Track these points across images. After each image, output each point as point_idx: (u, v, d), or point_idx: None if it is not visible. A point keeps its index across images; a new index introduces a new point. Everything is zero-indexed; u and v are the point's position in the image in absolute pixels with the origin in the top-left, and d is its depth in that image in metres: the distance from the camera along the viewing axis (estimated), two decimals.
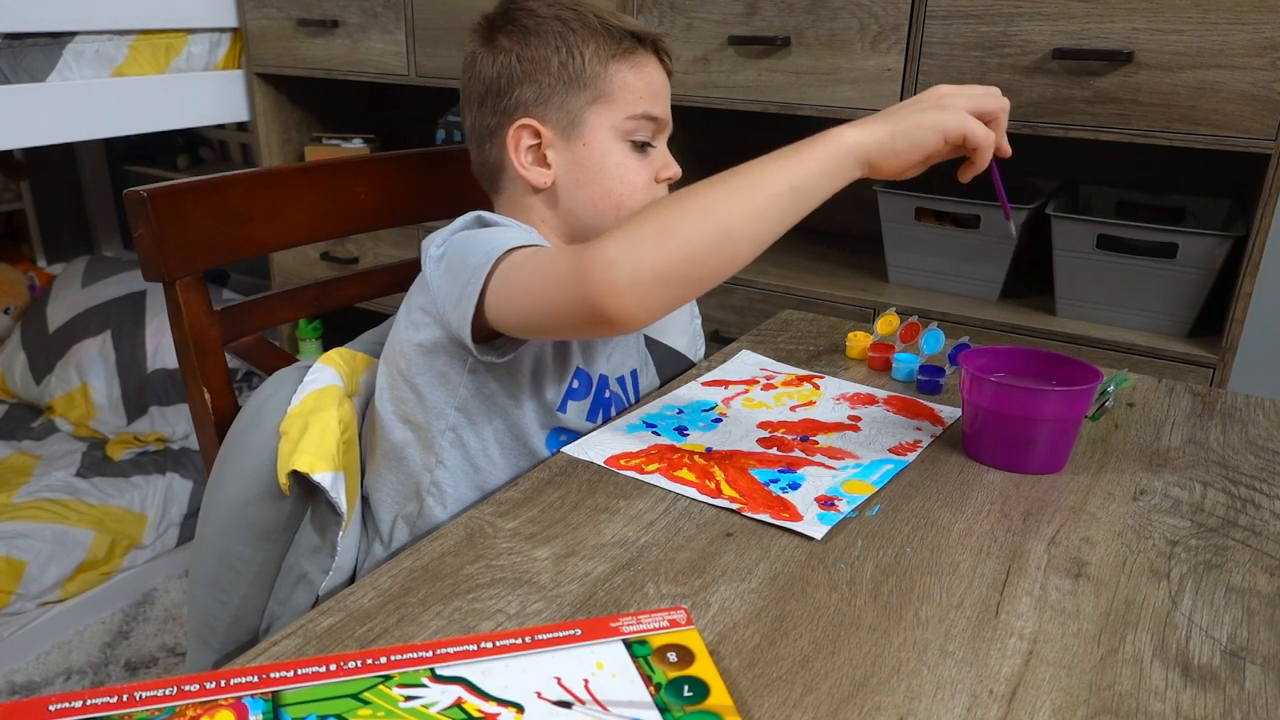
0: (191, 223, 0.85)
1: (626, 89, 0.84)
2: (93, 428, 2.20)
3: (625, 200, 0.85)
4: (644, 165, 0.86)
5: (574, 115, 0.83)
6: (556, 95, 0.83)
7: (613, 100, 0.84)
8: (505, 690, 0.51)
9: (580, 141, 0.84)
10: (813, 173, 0.68)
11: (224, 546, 0.78)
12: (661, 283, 0.66)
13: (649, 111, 0.85)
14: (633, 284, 0.66)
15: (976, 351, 0.86)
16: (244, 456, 0.78)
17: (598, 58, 0.83)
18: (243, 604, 0.79)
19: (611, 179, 0.84)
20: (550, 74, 0.83)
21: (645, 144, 0.86)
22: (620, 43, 0.84)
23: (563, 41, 0.83)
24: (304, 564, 0.76)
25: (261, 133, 2.18)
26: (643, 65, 0.85)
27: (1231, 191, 1.46)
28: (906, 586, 0.63)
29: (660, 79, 0.87)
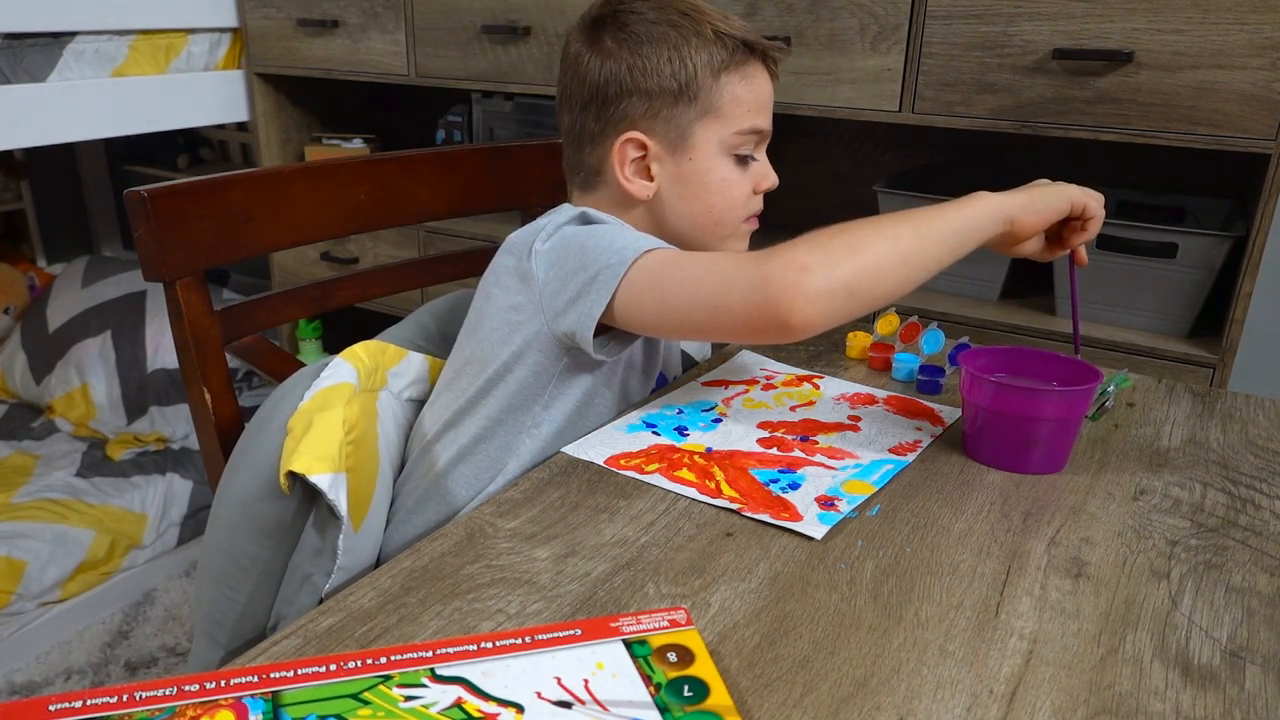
0: (191, 223, 0.85)
1: (737, 103, 0.84)
2: (93, 428, 2.20)
3: (725, 215, 0.86)
4: (745, 179, 0.86)
5: (682, 129, 0.83)
6: (665, 108, 0.83)
7: (722, 114, 0.83)
8: (505, 690, 0.51)
9: (686, 156, 0.84)
10: (970, 222, 0.76)
11: (232, 543, 0.78)
12: (849, 294, 0.70)
13: (756, 125, 0.85)
14: (823, 291, 0.70)
15: (976, 351, 0.86)
16: (254, 453, 0.78)
17: (709, 69, 0.82)
18: (249, 601, 0.79)
19: (714, 194, 0.85)
20: (661, 86, 0.82)
21: (748, 157, 0.86)
22: (733, 54, 0.83)
23: (675, 52, 0.82)
24: (307, 565, 0.76)
25: (261, 133, 2.18)
26: (754, 76, 0.85)
27: (1231, 191, 1.46)
28: (906, 586, 0.63)
29: (768, 89, 0.87)
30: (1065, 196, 0.80)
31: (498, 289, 0.83)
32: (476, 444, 0.84)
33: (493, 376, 0.83)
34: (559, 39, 1.66)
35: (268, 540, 0.77)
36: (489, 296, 0.84)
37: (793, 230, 0.72)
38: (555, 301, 0.78)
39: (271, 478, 0.75)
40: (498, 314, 0.83)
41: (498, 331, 0.82)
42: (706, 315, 0.74)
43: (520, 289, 0.81)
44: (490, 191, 1.15)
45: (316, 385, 0.79)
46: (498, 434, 0.84)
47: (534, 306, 0.80)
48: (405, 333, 0.96)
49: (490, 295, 0.84)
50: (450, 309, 0.98)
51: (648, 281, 0.75)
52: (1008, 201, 0.78)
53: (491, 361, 0.83)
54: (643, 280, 0.75)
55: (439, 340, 0.96)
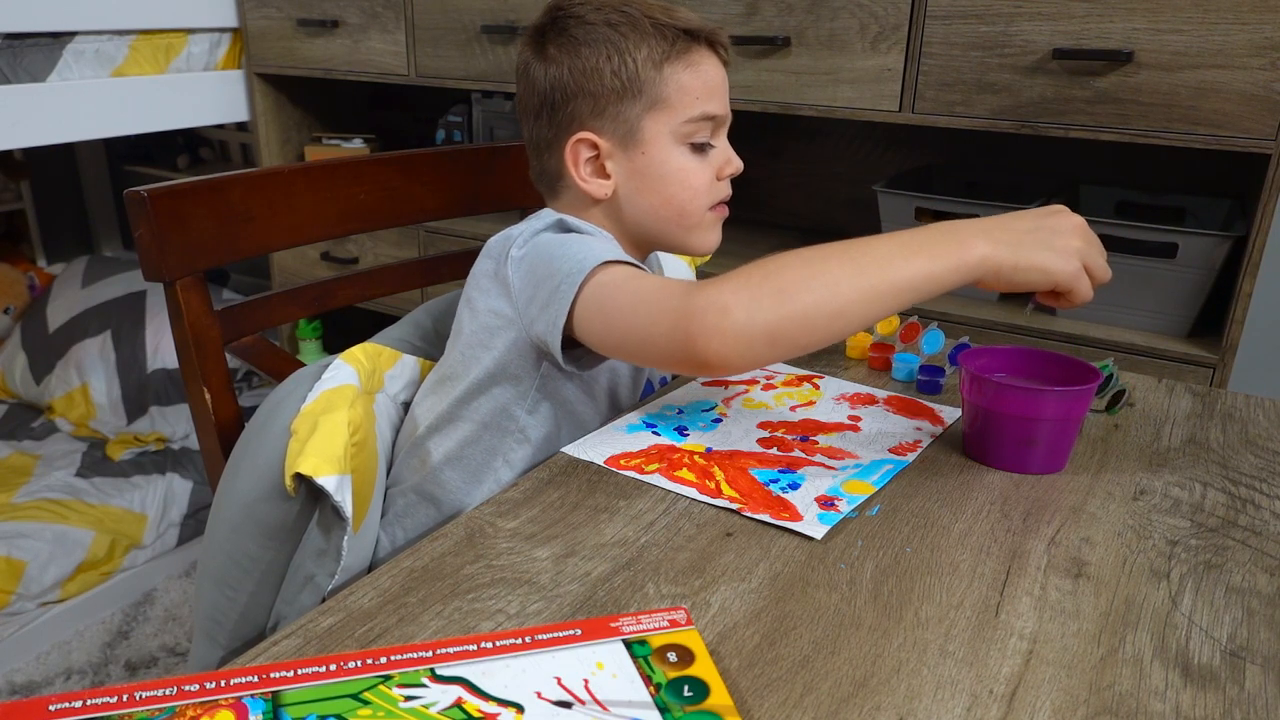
0: (191, 223, 0.85)
1: (682, 91, 0.83)
2: (93, 428, 2.20)
3: (688, 205, 0.85)
4: (705, 166, 0.86)
5: (631, 124, 0.83)
6: (611, 106, 0.83)
7: (669, 105, 0.83)
8: (505, 690, 0.51)
9: (639, 150, 0.84)
10: (936, 274, 0.69)
11: (233, 543, 0.78)
12: (769, 342, 0.68)
13: (706, 111, 0.84)
14: (740, 335, 0.68)
15: (976, 351, 0.86)
16: (256, 453, 0.78)
17: (650, 62, 0.82)
18: (250, 601, 0.79)
19: (673, 185, 0.85)
20: (603, 84, 0.82)
21: (705, 144, 0.85)
22: (673, 44, 0.82)
23: (614, 49, 0.82)
24: (310, 565, 0.75)
25: (261, 133, 2.18)
26: (698, 63, 0.84)
27: (1231, 191, 1.46)
28: (906, 586, 0.63)
29: (717, 74, 0.86)
30: (1050, 276, 0.71)
31: (478, 293, 0.84)
32: (464, 447, 0.85)
33: (476, 380, 0.83)
34: None
35: (270, 541, 0.77)
36: (470, 301, 0.85)
37: (794, 230, 0.72)
38: (529, 309, 0.78)
39: (274, 479, 0.75)
40: (479, 318, 0.83)
41: (479, 335, 0.83)
42: (638, 343, 0.74)
43: (499, 294, 0.81)
44: (490, 191, 1.15)
45: (319, 387, 0.79)
46: (484, 438, 0.84)
47: (513, 311, 0.80)
48: (402, 333, 0.96)
49: (471, 299, 0.85)
50: (447, 309, 0.98)
51: (597, 299, 0.74)
52: (989, 259, 0.70)
53: (474, 365, 0.83)
54: (595, 297, 0.75)
55: (435, 340, 0.96)
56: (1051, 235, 0.71)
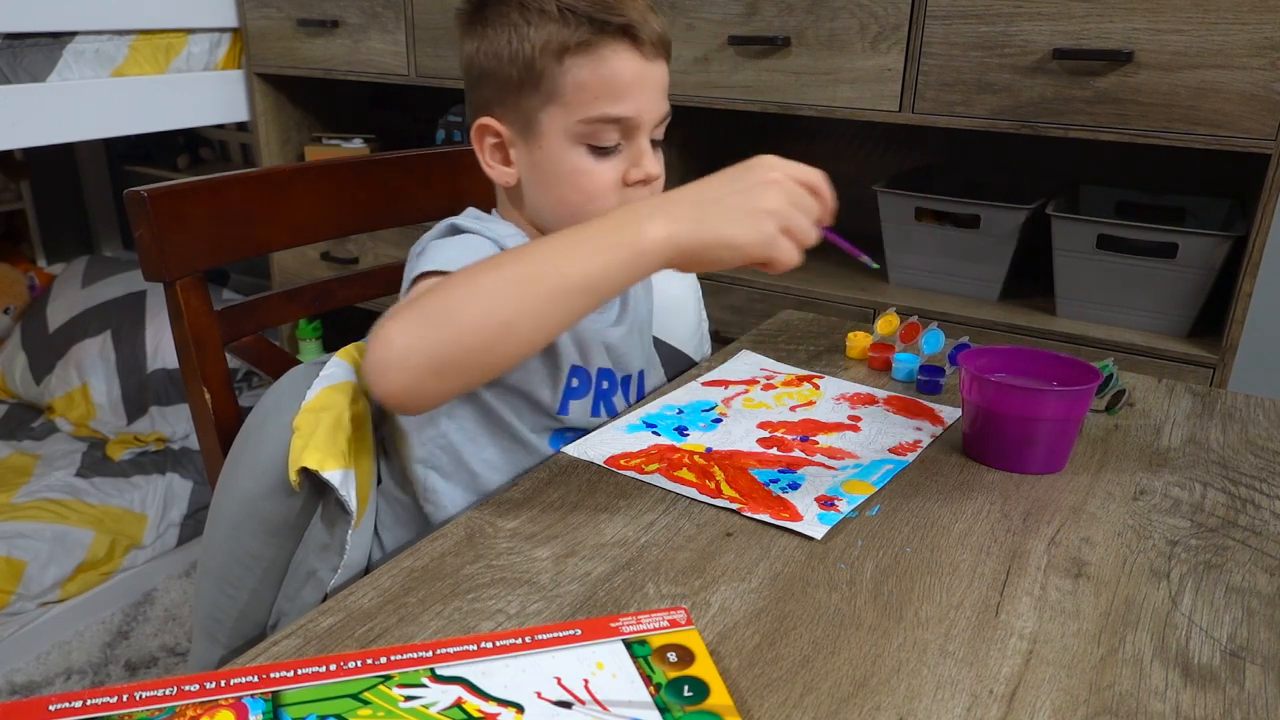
0: (191, 223, 0.85)
1: (580, 89, 0.76)
2: (93, 428, 2.20)
3: (582, 209, 0.78)
4: (607, 169, 0.78)
5: (529, 116, 0.78)
6: (510, 94, 0.78)
7: (565, 102, 0.76)
8: (505, 690, 0.51)
9: (537, 144, 0.79)
10: (610, 269, 0.62)
11: (234, 541, 0.78)
12: (436, 373, 0.62)
13: (608, 113, 0.76)
14: (403, 368, 0.62)
15: (976, 351, 0.86)
16: (256, 451, 0.78)
17: (549, 52, 0.75)
18: (251, 599, 0.78)
19: (566, 187, 0.79)
20: (502, 70, 0.77)
21: (610, 147, 0.78)
22: (576, 32, 0.75)
23: (515, 33, 0.76)
24: (313, 561, 0.75)
25: (261, 133, 2.18)
26: (605, 59, 0.76)
27: (1231, 191, 1.46)
28: (906, 586, 0.63)
29: (631, 70, 0.77)
30: (741, 251, 0.63)
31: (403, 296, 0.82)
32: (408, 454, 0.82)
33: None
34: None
35: (272, 537, 0.77)
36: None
37: None
38: None
39: (275, 475, 0.75)
40: None
41: None
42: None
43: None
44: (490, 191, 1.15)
45: (318, 384, 0.79)
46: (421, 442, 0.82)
47: None
48: None
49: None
50: None
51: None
52: (667, 240, 0.62)
53: None
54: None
55: None
56: (743, 198, 0.63)
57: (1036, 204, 1.42)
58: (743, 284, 1.59)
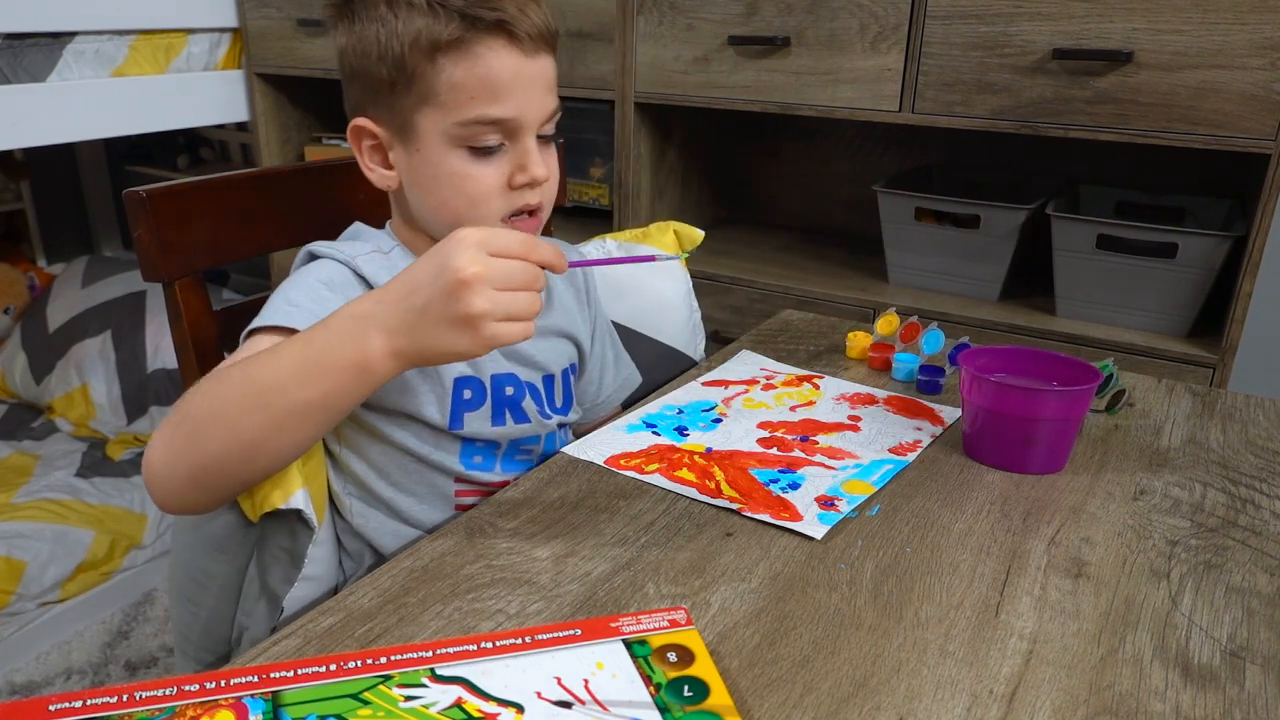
0: (191, 223, 0.85)
1: (455, 89, 0.71)
2: (93, 428, 2.20)
3: (464, 213, 0.75)
4: (490, 172, 0.74)
5: (404, 118, 0.74)
6: (383, 95, 0.74)
7: (440, 103, 0.72)
8: (505, 690, 0.51)
9: (414, 146, 0.74)
10: (340, 389, 0.61)
11: (188, 559, 0.77)
12: (196, 486, 0.63)
13: (486, 115, 0.72)
14: (165, 484, 0.63)
15: (976, 351, 0.86)
16: None
17: (419, 49, 0.71)
18: (211, 615, 0.77)
19: (447, 191, 0.75)
20: (372, 69, 0.73)
21: (492, 148, 0.74)
22: (447, 28, 0.70)
23: (384, 29, 0.72)
24: (266, 575, 0.74)
25: (261, 133, 2.18)
26: (480, 56, 0.71)
27: (1231, 191, 1.46)
28: (906, 586, 0.63)
29: (509, 68, 0.72)
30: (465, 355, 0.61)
31: None
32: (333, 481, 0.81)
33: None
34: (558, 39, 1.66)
35: (220, 554, 0.75)
36: None
37: (794, 230, 0.72)
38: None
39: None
40: None
41: None
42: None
43: None
44: None
45: None
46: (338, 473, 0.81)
47: None
48: None
49: None
50: None
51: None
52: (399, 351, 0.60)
53: None
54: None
55: None
56: (447, 305, 0.58)
57: (1036, 204, 1.42)
58: (743, 284, 1.59)
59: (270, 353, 0.62)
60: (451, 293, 0.58)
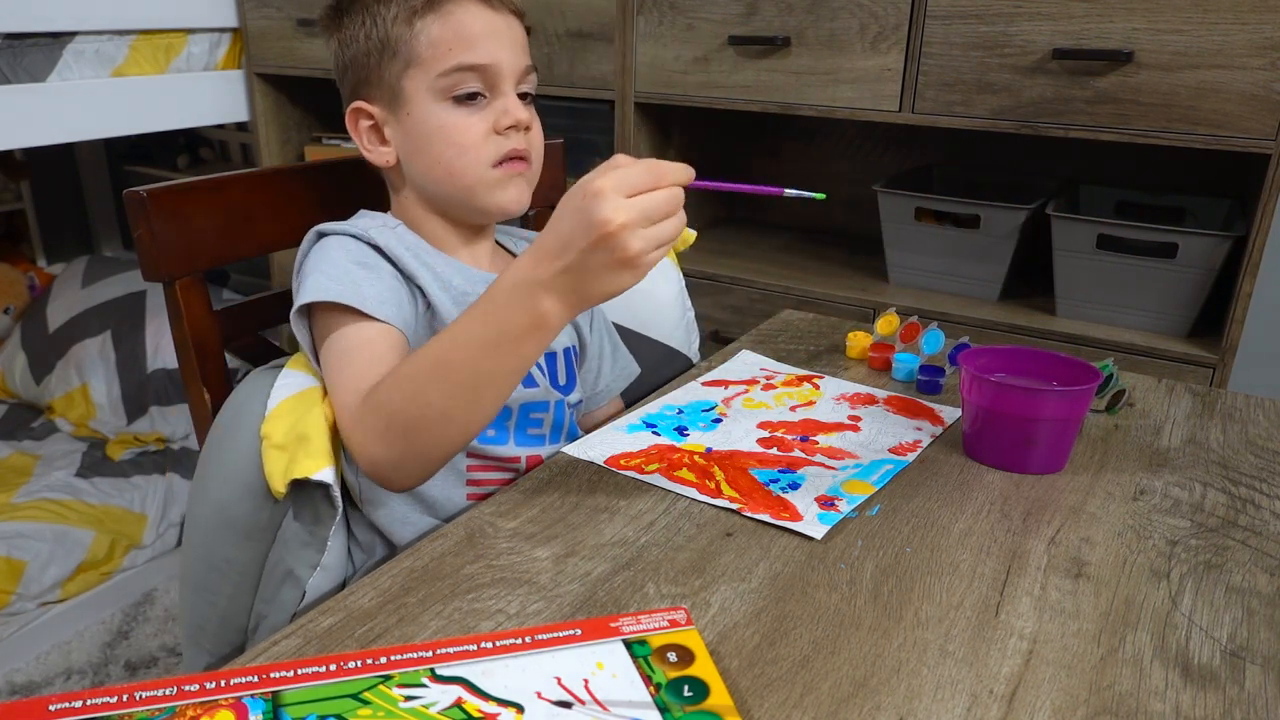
0: (191, 223, 0.85)
1: (434, 45, 0.80)
2: (93, 428, 2.20)
3: (456, 163, 0.81)
4: (477, 119, 0.81)
5: (393, 87, 0.82)
6: (374, 71, 0.82)
7: (422, 61, 0.81)
8: (505, 690, 0.51)
9: (404, 111, 0.82)
10: (532, 353, 0.67)
11: (208, 548, 0.77)
12: (423, 466, 0.72)
13: (463, 61, 0.80)
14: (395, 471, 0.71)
15: (976, 351, 0.86)
16: (225, 457, 0.77)
17: (400, 19, 0.80)
18: (229, 605, 0.78)
19: (438, 144, 0.81)
20: (363, 51, 0.82)
21: (474, 95, 0.81)
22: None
23: (368, 14, 0.82)
24: (289, 560, 0.75)
25: (261, 133, 2.18)
26: (452, 12, 0.80)
27: (1231, 191, 1.46)
28: (906, 586, 0.63)
29: (480, 21, 0.81)
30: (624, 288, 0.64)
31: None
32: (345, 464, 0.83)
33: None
34: (558, 38, 1.66)
35: (245, 542, 0.76)
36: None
37: (794, 230, 0.71)
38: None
39: (245, 481, 0.74)
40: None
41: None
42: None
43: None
44: None
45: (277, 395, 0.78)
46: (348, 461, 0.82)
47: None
48: None
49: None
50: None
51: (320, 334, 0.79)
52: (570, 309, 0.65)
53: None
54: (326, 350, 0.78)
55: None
56: (605, 254, 0.62)
57: (1036, 204, 1.42)
58: (743, 284, 1.59)
59: (448, 337, 0.68)
60: (606, 244, 0.61)
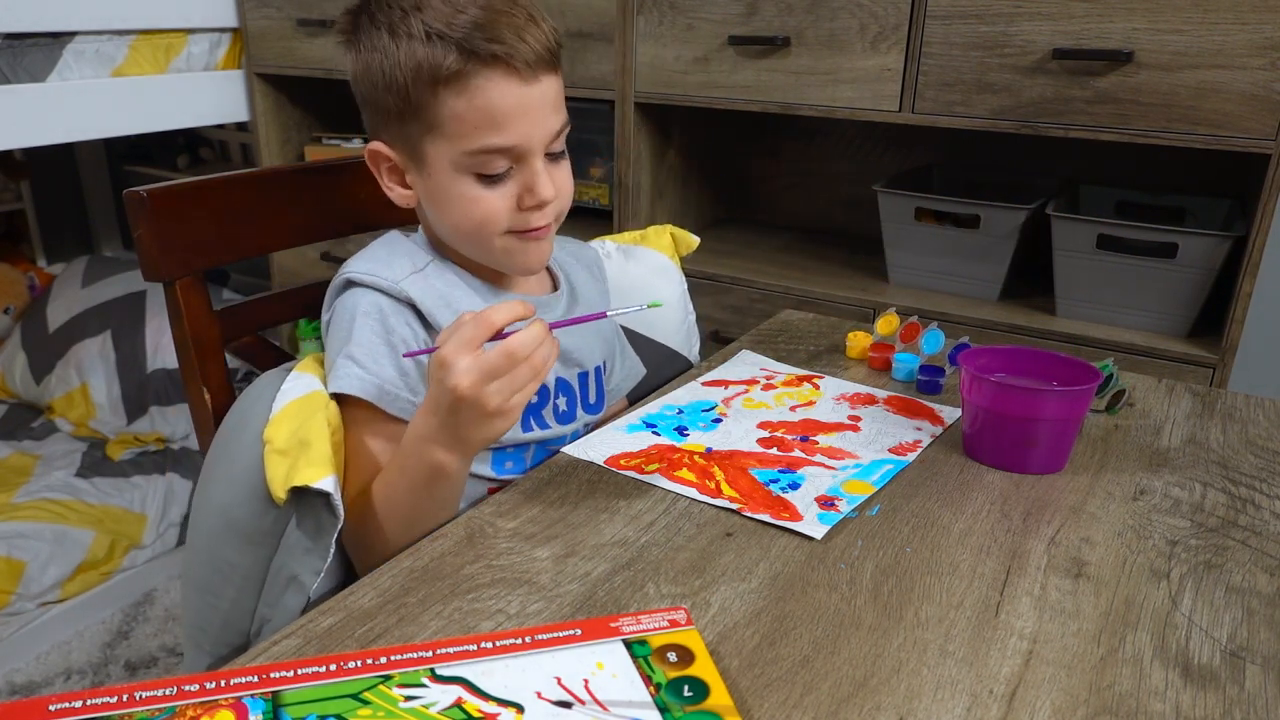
0: (191, 223, 0.85)
1: (458, 121, 0.73)
2: (93, 428, 2.20)
3: (476, 235, 0.79)
4: (498, 196, 0.77)
5: (414, 145, 0.76)
6: (393, 123, 0.76)
7: (445, 133, 0.74)
8: (505, 690, 0.51)
9: (425, 172, 0.77)
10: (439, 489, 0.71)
11: (211, 550, 0.77)
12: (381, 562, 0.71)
13: (490, 145, 0.74)
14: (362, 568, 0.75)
15: (976, 351, 0.86)
16: (229, 461, 0.77)
17: (421, 81, 0.72)
18: (231, 607, 0.78)
19: (458, 214, 0.78)
20: (381, 98, 0.75)
21: (500, 175, 0.76)
22: (445, 60, 0.71)
23: (386, 60, 0.73)
24: (294, 565, 0.74)
25: (261, 133, 2.18)
26: (479, 88, 0.72)
27: (1231, 191, 1.46)
28: (906, 586, 0.63)
29: (510, 98, 0.73)
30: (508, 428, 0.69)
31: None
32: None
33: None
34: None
35: (248, 545, 0.76)
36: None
37: (794, 230, 0.72)
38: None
39: (250, 485, 0.74)
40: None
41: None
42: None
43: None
44: None
45: (283, 398, 0.77)
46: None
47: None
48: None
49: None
50: None
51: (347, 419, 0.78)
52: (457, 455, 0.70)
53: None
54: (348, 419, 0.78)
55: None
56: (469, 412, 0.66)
57: (1036, 204, 1.42)
58: (743, 284, 1.59)
59: (387, 475, 0.74)
60: (464, 405, 0.66)
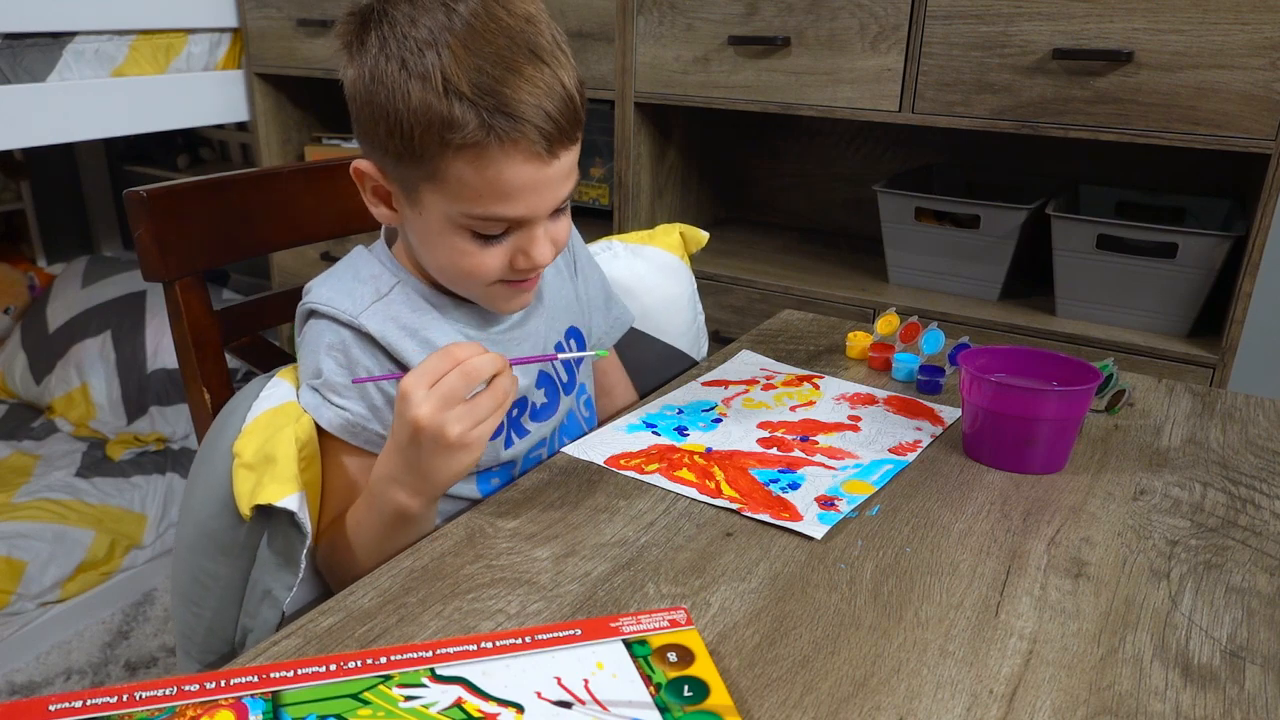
0: (191, 223, 0.85)
1: (464, 185, 0.68)
2: (93, 428, 2.20)
3: (459, 283, 0.76)
4: (491, 256, 0.72)
5: (410, 184, 0.71)
6: (390, 161, 0.70)
7: (448, 190, 0.69)
8: (505, 690, 0.51)
9: (417, 211, 0.72)
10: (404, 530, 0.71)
11: (193, 561, 0.77)
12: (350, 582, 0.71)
13: (493, 214, 0.69)
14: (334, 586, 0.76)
15: (976, 351, 0.86)
16: (208, 472, 0.76)
17: (430, 137, 0.66)
18: (215, 617, 0.77)
19: (444, 259, 0.74)
20: (380, 134, 0.68)
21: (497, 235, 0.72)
22: (461, 128, 0.65)
23: (394, 99, 0.66)
24: (268, 580, 0.74)
25: (261, 133, 2.18)
26: (494, 161, 0.67)
27: (1231, 191, 1.46)
28: (906, 586, 0.63)
29: (525, 176, 0.68)
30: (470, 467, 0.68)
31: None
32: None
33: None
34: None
35: (225, 557, 0.75)
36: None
37: (794, 230, 0.72)
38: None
39: (224, 497, 0.74)
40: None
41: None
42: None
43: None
44: None
45: (258, 406, 0.76)
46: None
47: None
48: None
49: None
50: None
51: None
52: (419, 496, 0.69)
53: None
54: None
55: None
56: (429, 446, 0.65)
57: (1036, 204, 1.42)
58: (743, 284, 1.59)
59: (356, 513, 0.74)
60: (425, 436, 0.65)
